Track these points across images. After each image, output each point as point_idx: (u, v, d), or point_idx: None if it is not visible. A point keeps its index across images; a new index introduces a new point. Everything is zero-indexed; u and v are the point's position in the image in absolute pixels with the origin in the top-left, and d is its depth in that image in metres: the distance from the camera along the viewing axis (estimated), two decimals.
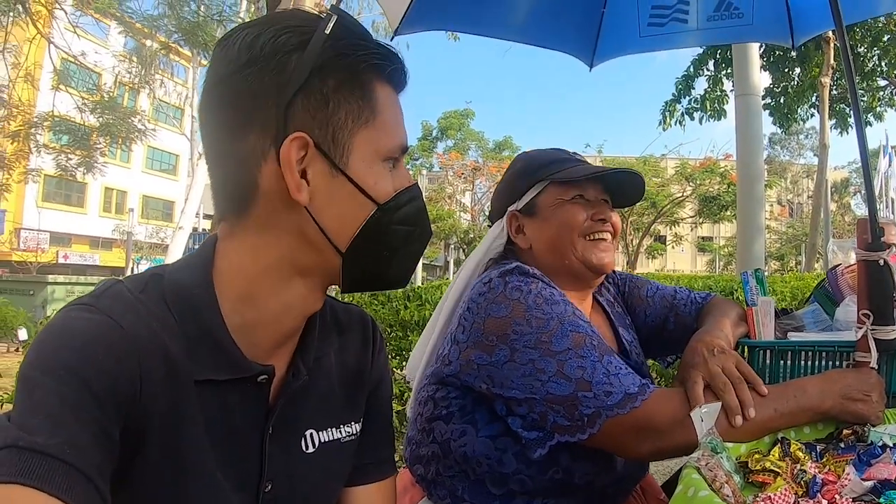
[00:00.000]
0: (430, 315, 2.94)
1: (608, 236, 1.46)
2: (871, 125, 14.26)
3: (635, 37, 2.30)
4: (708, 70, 13.14)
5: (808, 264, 15.03)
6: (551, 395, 1.18)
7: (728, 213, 25.47)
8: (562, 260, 1.43)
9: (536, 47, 2.33)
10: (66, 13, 12.81)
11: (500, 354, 1.23)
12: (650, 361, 1.75)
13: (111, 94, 14.69)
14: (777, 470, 1.01)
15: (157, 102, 22.23)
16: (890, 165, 13.51)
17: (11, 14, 11.33)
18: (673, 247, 35.12)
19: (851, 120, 14.03)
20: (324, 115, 0.80)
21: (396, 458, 1.16)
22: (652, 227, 28.60)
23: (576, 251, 1.42)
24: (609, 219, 1.46)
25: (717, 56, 12.65)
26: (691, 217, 29.07)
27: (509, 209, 1.52)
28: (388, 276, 0.90)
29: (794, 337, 1.50)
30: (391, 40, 2.11)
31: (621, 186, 1.50)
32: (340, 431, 0.99)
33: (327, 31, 0.80)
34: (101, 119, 13.42)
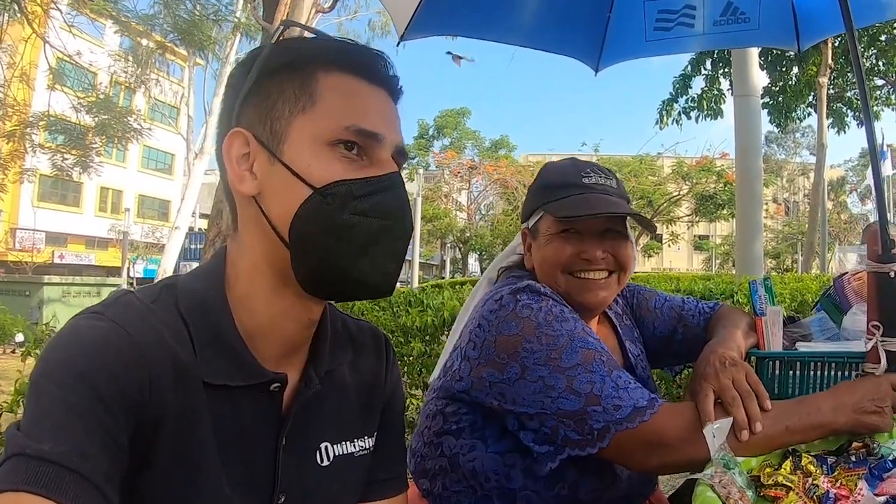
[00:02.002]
0: (432, 321, 2.96)
1: (598, 274, 1.39)
2: None
3: (641, 41, 2.29)
4: (705, 69, 13.18)
5: (806, 264, 15.07)
6: (562, 410, 1.18)
7: (724, 211, 25.56)
8: (555, 289, 1.39)
9: (541, 51, 2.33)
10: (61, 13, 12.78)
11: (511, 372, 1.23)
12: (657, 372, 1.75)
13: (107, 93, 14.66)
14: (789, 484, 1.01)
15: (152, 101, 22.23)
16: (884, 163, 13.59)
17: (7, 13, 11.29)
18: (669, 245, 35.17)
19: (848, 119, 14.14)
20: (264, 109, 0.85)
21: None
22: None
23: (559, 287, 1.39)
24: (595, 259, 1.38)
25: (715, 55, 12.69)
26: (688, 215, 29.12)
27: (522, 225, 1.53)
28: (358, 277, 0.84)
29: (801, 346, 1.50)
30: (397, 45, 2.12)
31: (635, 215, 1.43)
32: (354, 445, 0.99)
33: (272, 41, 0.88)
34: (96, 118, 13.40)
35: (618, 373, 1.21)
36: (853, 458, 1.08)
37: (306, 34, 1.00)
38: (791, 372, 1.43)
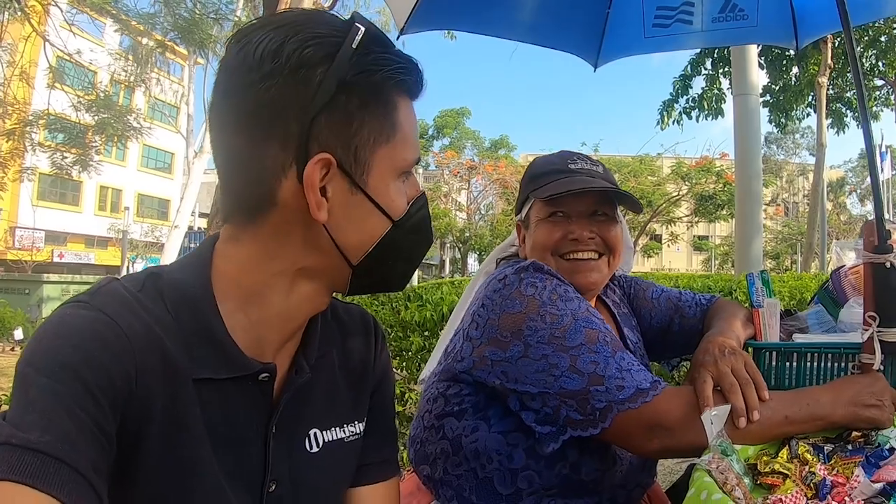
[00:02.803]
0: (431, 316, 2.96)
1: (588, 254, 1.42)
2: None
3: (640, 38, 2.30)
4: (706, 69, 13.17)
5: (805, 264, 15.05)
6: (564, 389, 1.18)
7: (724, 212, 25.54)
8: None
9: (540, 47, 2.33)
10: (61, 11, 12.78)
11: (515, 350, 1.23)
12: (654, 366, 1.76)
13: (107, 92, 14.66)
14: (786, 472, 1.02)
15: (152, 100, 22.21)
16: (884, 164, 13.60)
17: (7, 11, 11.29)
18: (668, 245, 35.12)
19: (848, 119, 14.13)
20: (347, 133, 0.79)
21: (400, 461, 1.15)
22: (648, 226, 28.61)
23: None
24: (583, 238, 1.41)
25: (715, 55, 12.69)
26: (687, 216, 29.08)
27: (516, 218, 1.56)
28: (392, 281, 0.93)
29: (798, 338, 1.51)
30: (397, 39, 2.11)
31: (616, 195, 1.45)
32: (344, 431, 0.99)
33: (354, 46, 0.78)
34: (96, 117, 13.41)
35: (621, 354, 1.22)
36: (850, 447, 1.08)
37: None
38: (788, 363, 1.43)
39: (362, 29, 0.80)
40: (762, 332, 1.49)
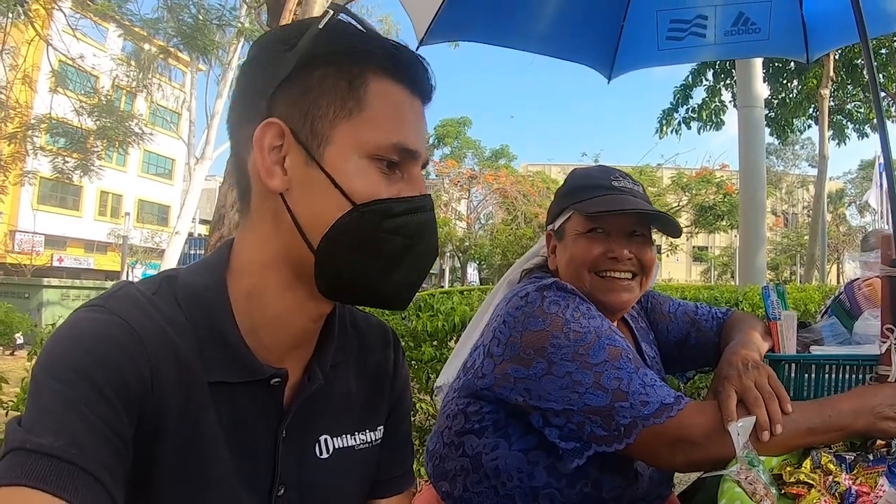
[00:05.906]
0: (442, 325, 2.94)
1: (623, 274, 1.42)
2: (867, 136, 14.47)
3: (654, 50, 2.31)
4: (707, 80, 13.20)
5: (807, 275, 15.03)
6: (589, 406, 1.19)
7: (724, 222, 25.53)
8: (580, 289, 1.40)
9: (551, 59, 2.35)
10: (64, 15, 12.82)
11: (538, 367, 1.24)
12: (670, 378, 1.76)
13: (108, 97, 14.68)
14: (811, 482, 1.03)
15: (154, 106, 22.21)
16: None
17: (11, 15, 11.33)
18: (668, 255, 35.13)
19: (849, 131, 14.17)
20: (305, 103, 0.80)
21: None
22: None
23: (585, 286, 1.41)
24: (622, 257, 1.40)
25: (717, 67, 12.72)
26: (687, 227, 29.05)
27: (547, 228, 1.55)
28: (379, 290, 0.85)
29: (815, 350, 1.52)
30: (416, 50, 2.11)
31: (658, 218, 1.46)
32: (355, 439, 0.99)
33: (321, 26, 0.81)
34: (98, 122, 13.43)
35: (644, 370, 1.23)
36: (871, 457, 1.09)
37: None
38: (806, 375, 1.45)
39: (331, 13, 0.83)
40: (780, 344, 1.50)
